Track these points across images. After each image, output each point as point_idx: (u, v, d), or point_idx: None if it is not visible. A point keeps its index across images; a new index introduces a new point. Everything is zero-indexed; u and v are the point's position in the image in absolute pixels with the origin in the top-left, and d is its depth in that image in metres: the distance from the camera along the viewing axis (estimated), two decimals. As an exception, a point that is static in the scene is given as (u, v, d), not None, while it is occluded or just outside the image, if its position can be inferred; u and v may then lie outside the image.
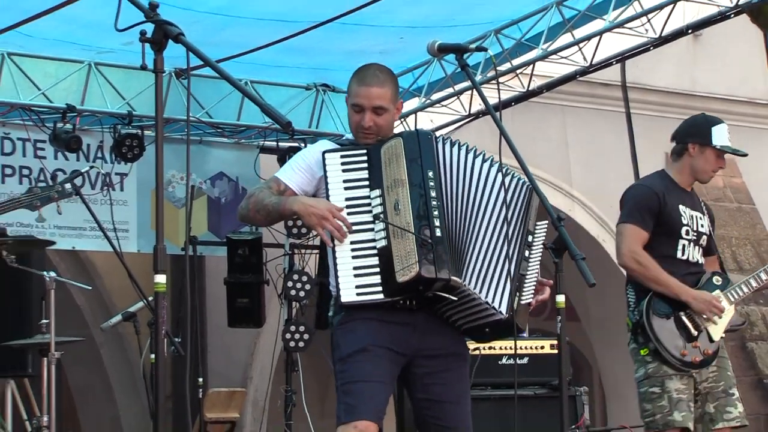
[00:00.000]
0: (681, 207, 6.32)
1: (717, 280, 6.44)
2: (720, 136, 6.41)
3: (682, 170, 6.41)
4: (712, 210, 6.66)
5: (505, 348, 8.24)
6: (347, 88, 5.18)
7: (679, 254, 6.29)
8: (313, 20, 8.13)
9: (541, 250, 5.17)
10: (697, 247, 6.38)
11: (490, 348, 7.99)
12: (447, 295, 4.95)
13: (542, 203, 5.14)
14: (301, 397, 9.66)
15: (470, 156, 5.08)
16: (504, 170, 5.09)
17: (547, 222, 5.17)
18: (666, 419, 6.12)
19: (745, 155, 6.71)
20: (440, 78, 9.43)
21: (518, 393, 7.94)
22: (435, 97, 9.79)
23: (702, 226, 6.40)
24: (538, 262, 5.17)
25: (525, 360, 8.33)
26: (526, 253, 5.09)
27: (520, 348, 8.33)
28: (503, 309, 4.95)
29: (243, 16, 7.87)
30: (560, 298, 5.17)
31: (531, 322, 5.32)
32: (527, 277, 5.11)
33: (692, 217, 6.37)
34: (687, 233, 6.32)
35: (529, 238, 5.12)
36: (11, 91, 8.72)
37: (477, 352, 7.90)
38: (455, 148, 5.08)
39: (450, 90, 9.62)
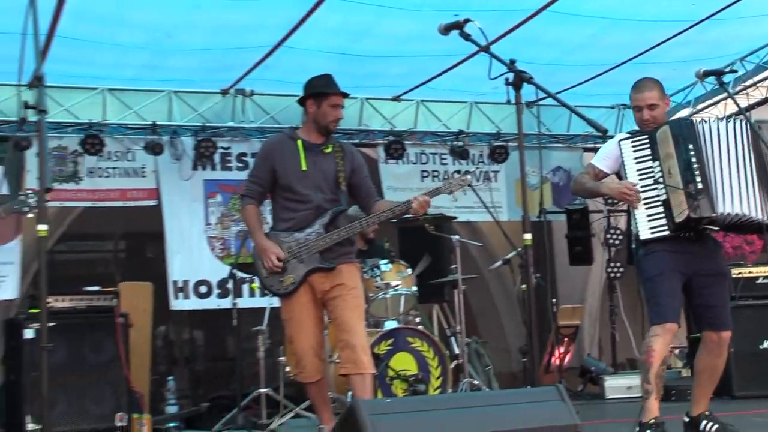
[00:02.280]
0: None
1: None
2: None
3: None
4: None
5: (760, 272, 7.89)
6: (629, 98, 5.24)
7: None
8: (614, 63, 8.01)
9: None
10: None
11: (749, 272, 7.73)
12: (712, 227, 4.97)
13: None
14: (620, 309, 9.52)
15: (714, 124, 5.02)
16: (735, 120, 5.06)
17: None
18: None
19: None
20: (702, 93, 9.10)
21: (771, 302, 7.65)
22: (700, 106, 9.45)
23: None
24: None
25: (775, 280, 7.97)
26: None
27: (769, 273, 8.00)
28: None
29: (568, 64, 7.83)
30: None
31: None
32: None
33: None
34: None
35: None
36: (424, 124, 8.98)
37: (740, 275, 7.65)
38: (707, 125, 5.02)
39: (710, 101, 9.28)
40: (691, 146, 4.92)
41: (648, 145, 5.02)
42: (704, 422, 5.15)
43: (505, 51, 4.50)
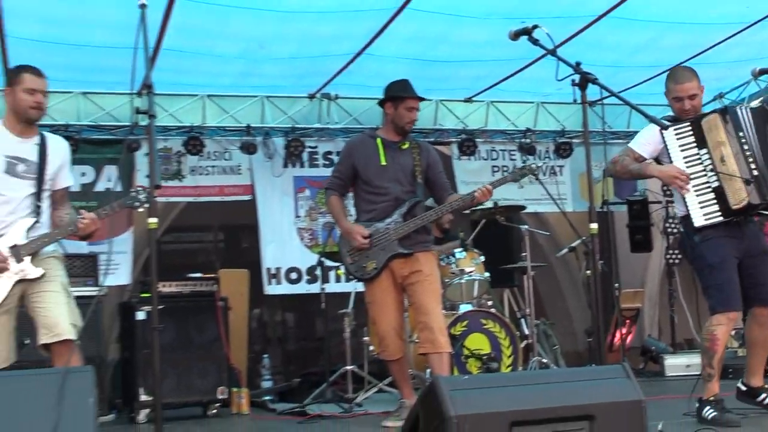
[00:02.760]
0: None
1: None
2: None
3: None
4: None
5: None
6: (666, 87, 5.01)
7: None
8: (672, 64, 7.80)
9: None
10: None
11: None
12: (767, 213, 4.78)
13: None
14: (678, 293, 9.35)
15: (746, 111, 4.84)
16: None
17: None
18: None
19: None
20: (756, 91, 8.82)
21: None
22: (752, 104, 9.17)
23: None
24: None
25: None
26: None
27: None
28: None
29: (628, 65, 7.70)
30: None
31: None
32: None
33: None
34: None
35: None
36: (494, 123, 8.90)
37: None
38: (745, 111, 4.83)
39: (763, 98, 9.01)
40: (741, 134, 4.74)
41: (691, 133, 4.81)
42: (764, 395, 5.04)
43: (568, 54, 4.42)
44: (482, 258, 7.27)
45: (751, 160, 4.70)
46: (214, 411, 6.76)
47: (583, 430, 3.20)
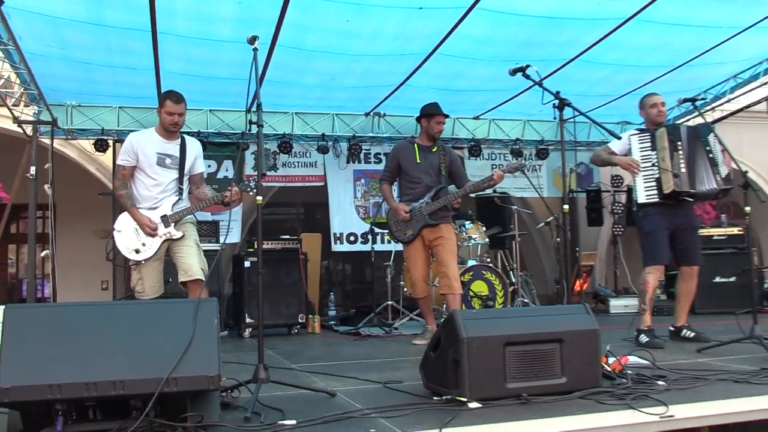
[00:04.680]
0: None
1: None
2: None
3: None
4: None
5: (714, 232, 7.51)
6: (642, 103, 5.01)
7: None
8: (621, 94, 7.65)
9: (718, 148, 4.71)
10: None
11: (707, 232, 7.39)
12: (689, 199, 4.73)
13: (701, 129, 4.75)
14: (620, 255, 9.19)
15: (688, 128, 4.78)
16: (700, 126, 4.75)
17: (712, 134, 4.68)
18: None
19: None
20: (678, 114, 8.56)
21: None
22: (689, 124, 8.89)
23: None
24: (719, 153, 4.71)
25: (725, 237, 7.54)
26: (711, 156, 4.71)
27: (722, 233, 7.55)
28: (718, 186, 4.71)
29: (590, 95, 7.51)
30: (747, 209, 4.68)
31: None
32: (718, 165, 4.71)
33: None
34: None
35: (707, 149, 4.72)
36: (494, 134, 8.72)
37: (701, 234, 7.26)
38: (687, 128, 4.76)
39: (683, 119, 8.75)
40: (679, 143, 4.72)
41: (649, 140, 4.82)
42: (685, 330, 4.99)
43: (548, 87, 4.34)
44: (484, 228, 7.23)
45: (682, 162, 4.70)
46: (296, 331, 6.81)
47: (555, 349, 3.17)
